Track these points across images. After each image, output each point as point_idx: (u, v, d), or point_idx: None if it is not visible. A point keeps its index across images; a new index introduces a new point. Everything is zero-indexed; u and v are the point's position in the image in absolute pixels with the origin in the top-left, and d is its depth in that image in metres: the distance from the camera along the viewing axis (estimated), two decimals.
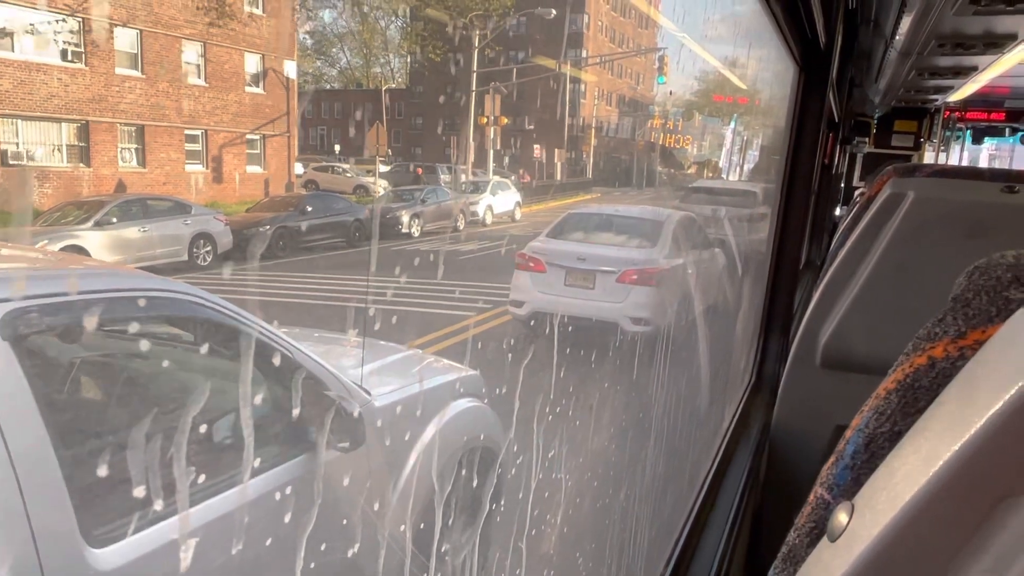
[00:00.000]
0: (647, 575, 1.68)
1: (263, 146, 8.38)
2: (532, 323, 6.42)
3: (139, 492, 1.43)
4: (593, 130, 43.53)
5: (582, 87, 42.55)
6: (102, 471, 1.64)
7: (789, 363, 2.32)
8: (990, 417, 0.37)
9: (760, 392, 2.87)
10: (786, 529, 0.62)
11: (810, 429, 2.21)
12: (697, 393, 2.65)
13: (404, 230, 10.92)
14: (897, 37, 4.72)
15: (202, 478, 1.89)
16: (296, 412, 1.96)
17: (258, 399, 2.24)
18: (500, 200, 17.14)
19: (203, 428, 1.97)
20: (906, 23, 4.27)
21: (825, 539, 0.50)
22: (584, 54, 42.91)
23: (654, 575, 1.59)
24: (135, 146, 6.24)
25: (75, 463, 1.68)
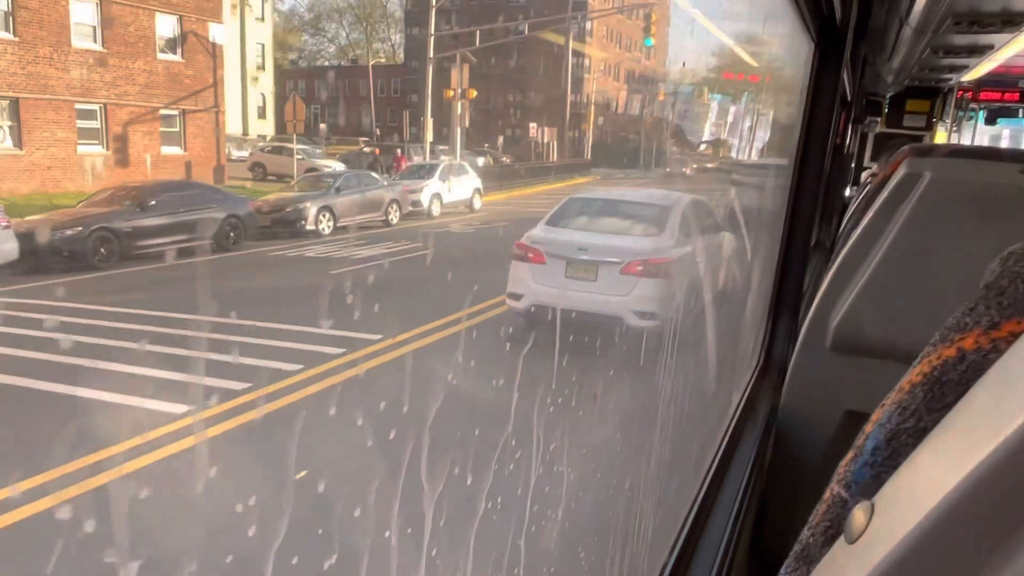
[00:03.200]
0: (651, 563, 1.67)
1: (183, 123, 7.17)
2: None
3: None
4: (593, 107, 41.30)
5: (586, 61, 41.01)
6: None
7: (798, 346, 2.30)
8: None
9: (768, 375, 2.86)
10: (793, 514, 0.59)
11: (819, 413, 2.20)
12: (704, 386, 2.63)
13: (309, 226, 8.83)
14: (912, 14, 4.66)
15: None
16: None
17: None
18: (453, 187, 14.74)
19: None
20: (922, 0, 4.21)
21: (842, 540, 0.48)
22: (589, 26, 41.12)
23: (658, 563, 1.57)
24: (8, 123, 5.17)
25: None
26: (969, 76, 9.13)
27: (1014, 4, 4.40)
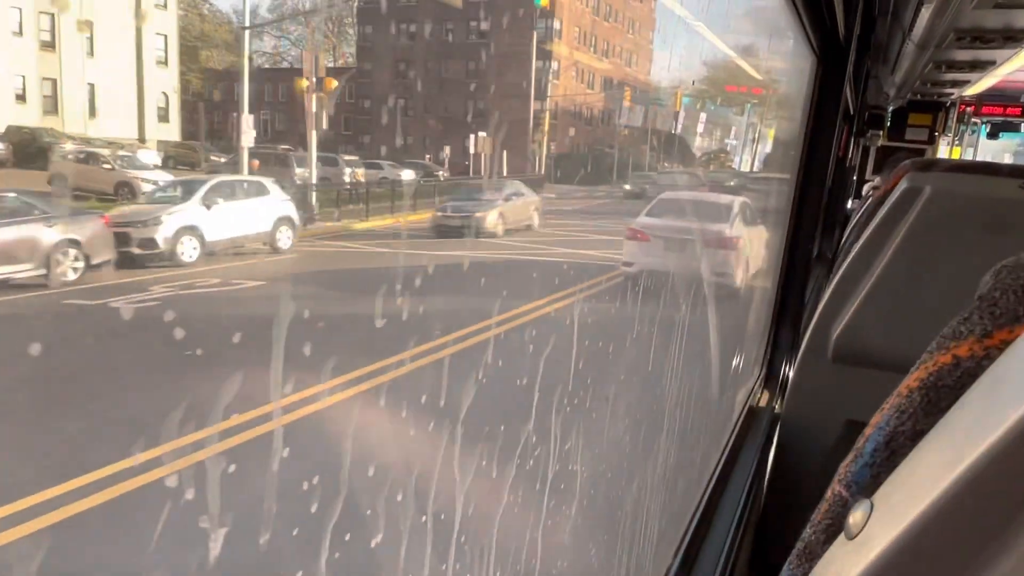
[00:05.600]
0: (656, 566, 1.69)
1: None
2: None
3: None
4: (549, 114, 35.58)
5: (552, 65, 35.89)
6: None
7: (800, 356, 2.31)
8: (1017, 418, 0.36)
9: (770, 385, 2.87)
10: (794, 521, 0.61)
11: (820, 423, 2.21)
12: (710, 386, 2.65)
13: None
14: (915, 29, 4.68)
15: None
16: None
17: None
18: (232, 216, 9.42)
19: None
20: (925, 15, 4.24)
21: (842, 537, 0.49)
22: (558, 26, 35.61)
23: (663, 566, 1.59)
24: None
25: None
26: (971, 90, 9.15)
27: (1015, 21, 4.43)
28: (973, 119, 13.07)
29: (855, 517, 0.48)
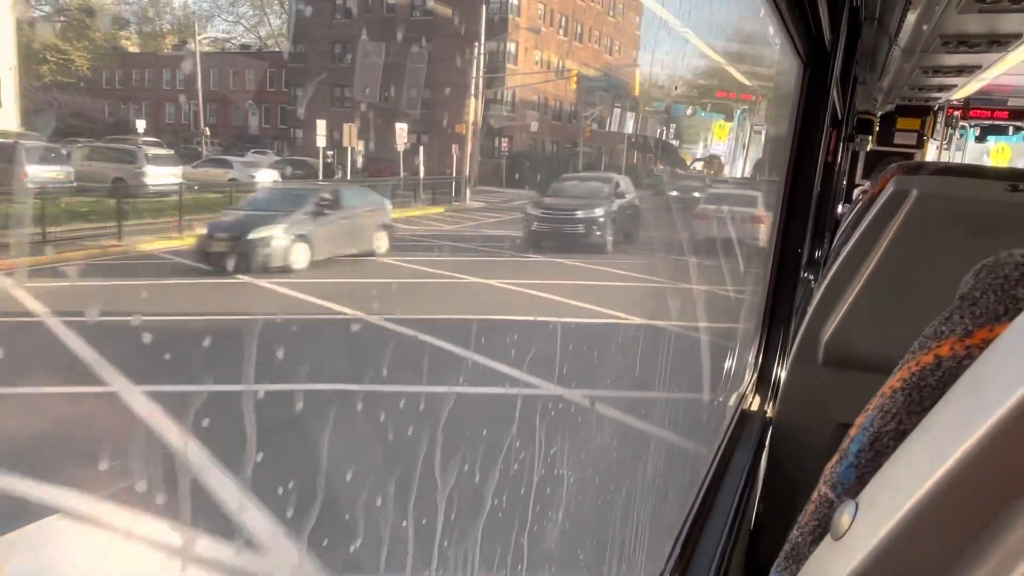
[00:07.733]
0: (648, 572, 1.68)
1: None
2: None
3: None
4: (476, 100, 27.41)
5: (510, 48, 29.92)
6: None
7: (791, 360, 2.31)
8: (998, 417, 0.37)
9: (761, 389, 2.88)
10: (786, 526, 0.61)
11: (811, 426, 2.21)
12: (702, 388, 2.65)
13: None
14: (901, 35, 4.72)
15: None
16: None
17: None
18: None
19: None
20: (910, 21, 4.27)
21: (828, 538, 0.50)
22: (515, 1, 29.54)
23: (655, 572, 1.59)
24: None
25: None
26: (959, 94, 9.21)
27: (1000, 26, 4.46)
28: (961, 123, 13.17)
29: (841, 518, 0.48)
